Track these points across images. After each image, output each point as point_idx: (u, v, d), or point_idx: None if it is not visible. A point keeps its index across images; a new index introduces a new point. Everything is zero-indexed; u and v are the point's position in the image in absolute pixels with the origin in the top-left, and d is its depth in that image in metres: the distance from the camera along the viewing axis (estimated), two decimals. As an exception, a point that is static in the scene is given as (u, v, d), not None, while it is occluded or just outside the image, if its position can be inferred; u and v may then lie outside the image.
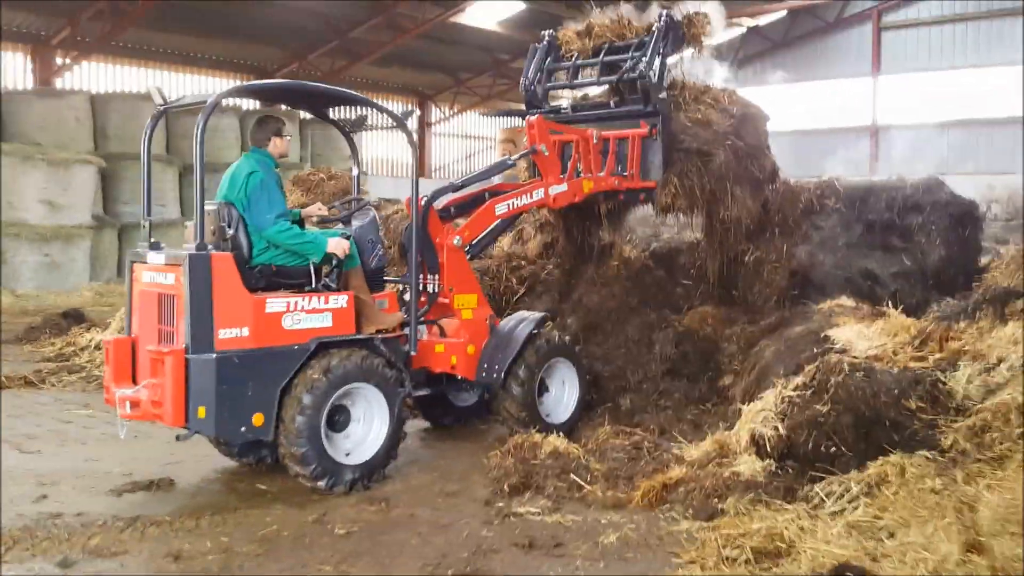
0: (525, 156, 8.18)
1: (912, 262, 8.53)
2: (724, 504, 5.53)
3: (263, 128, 6.28)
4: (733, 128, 8.64)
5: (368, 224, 6.65)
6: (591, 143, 8.21)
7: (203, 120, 5.63)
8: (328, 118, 7.35)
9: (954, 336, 6.42)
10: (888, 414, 5.71)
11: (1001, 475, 5.11)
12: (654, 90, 8.42)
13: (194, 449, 6.81)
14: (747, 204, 8.57)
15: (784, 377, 6.52)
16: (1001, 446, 5.30)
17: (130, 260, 6.14)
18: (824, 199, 9.13)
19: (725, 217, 8.52)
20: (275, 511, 5.65)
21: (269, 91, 7.17)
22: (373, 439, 6.09)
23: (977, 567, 4.60)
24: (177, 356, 5.45)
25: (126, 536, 5.20)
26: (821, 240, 8.92)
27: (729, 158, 8.47)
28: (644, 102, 8.46)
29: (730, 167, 8.46)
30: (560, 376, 7.45)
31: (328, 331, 5.95)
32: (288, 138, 6.41)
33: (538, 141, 7.82)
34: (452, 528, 5.35)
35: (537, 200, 7.71)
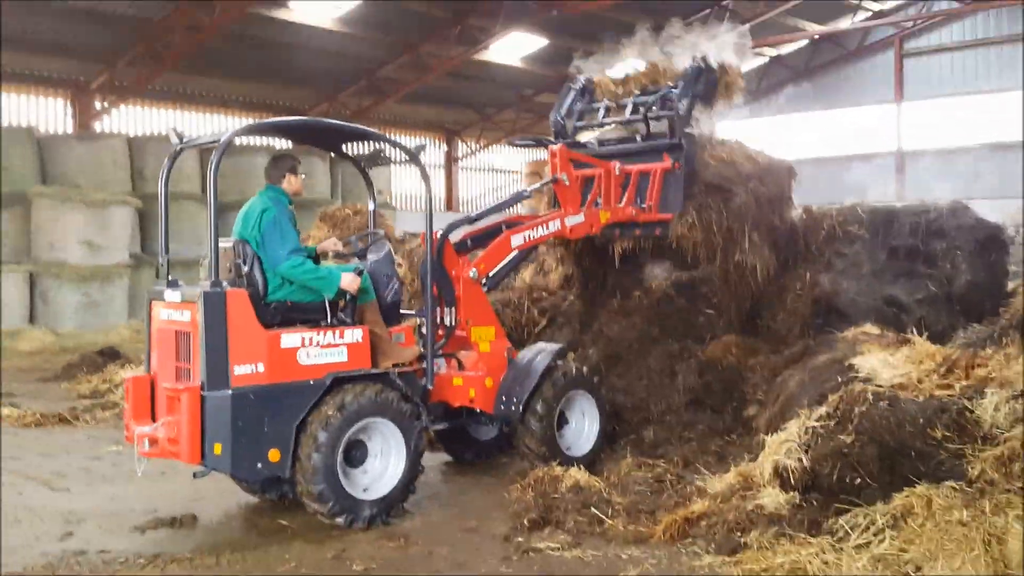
0: (546, 184, 8.07)
1: (938, 288, 8.32)
2: (747, 538, 5.36)
3: (277, 166, 6.26)
4: (757, 173, 8.54)
5: (383, 258, 6.59)
6: (612, 175, 8.12)
7: (216, 158, 5.63)
8: (344, 154, 7.34)
9: (980, 363, 6.22)
10: (913, 444, 5.52)
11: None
12: (680, 123, 8.32)
13: (217, 485, 6.75)
14: (763, 252, 8.37)
15: (808, 407, 6.34)
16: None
17: (149, 298, 6.13)
18: (847, 225, 8.94)
19: (740, 261, 8.29)
20: (294, 548, 5.56)
21: (282, 128, 7.16)
22: (391, 474, 5.99)
23: (1007, 602, 4.42)
24: (193, 393, 5.41)
25: (147, 573, 5.16)
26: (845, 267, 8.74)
27: (750, 201, 8.34)
28: (670, 134, 8.35)
29: (750, 209, 8.30)
30: (580, 408, 7.30)
31: (343, 366, 5.88)
32: (303, 176, 6.38)
33: (559, 170, 7.77)
34: (470, 565, 5.23)
35: (554, 231, 7.59)
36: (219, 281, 5.57)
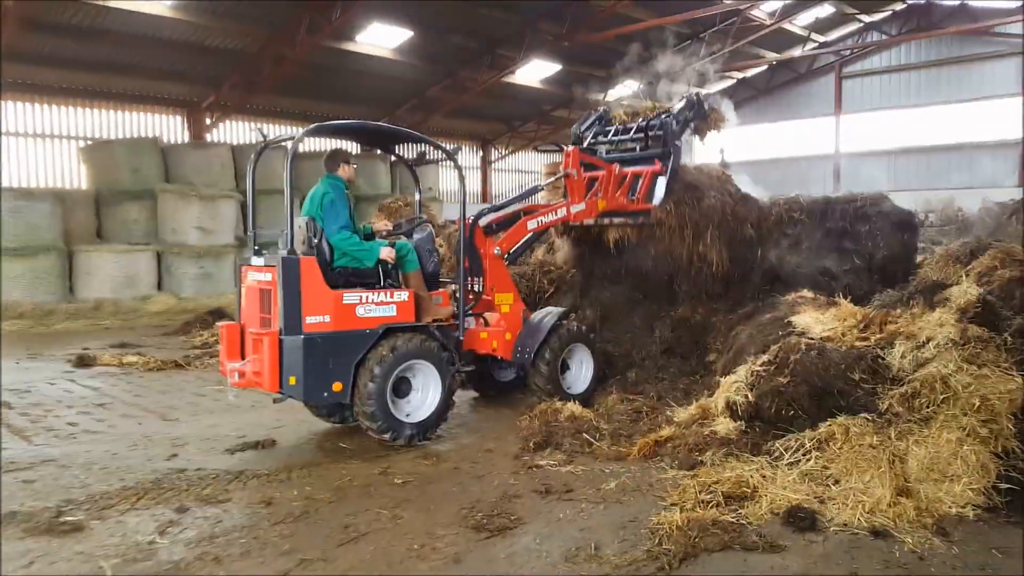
0: (559, 178, 7.96)
1: (861, 261, 8.20)
2: (703, 457, 5.38)
3: (333, 158, 6.27)
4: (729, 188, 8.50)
5: (426, 237, 6.61)
6: (613, 174, 8.02)
7: (293, 149, 5.65)
8: (395, 154, 7.38)
9: (891, 320, 6.13)
10: (836, 384, 5.50)
11: (927, 433, 4.89)
12: (671, 136, 8.25)
13: (295, 416, 6.85)
14: (719, 249, 8.17)
15: (754, 355, 6.30)
16: (927, 409, 5.06)
17: (239, 264, 6.18)
18: (791, 212, 8.82)
19: (702, 252, 8.14)
20: (351, 465, 5.61)
21: (343, 129, 7.14)
22: (428, 404, 6.05)
23: (905, 507, 4.41)
24: (273, 337, 5.48)
25: (232, 487, 5.18)
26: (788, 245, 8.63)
27: (717, 204, 8.21)
28: (662, 146, 8.24)
29: (716, 211, 8.17)
30: (578, 357, 7.31)
31: (393, 319, 5.93)
32: (354, 166, 6.37)
33: (570, 166, 7.74)
34: (486, 478, 5.27)
35: (561, 217, 7.60)
36: (294, 250, 5.61)
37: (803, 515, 4.40)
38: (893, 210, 8.42)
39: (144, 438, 6.47)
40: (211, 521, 4.60)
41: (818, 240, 8.44)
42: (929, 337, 5.62)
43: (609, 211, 8.01)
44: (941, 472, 4.66)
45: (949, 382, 5.06)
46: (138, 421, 7.08)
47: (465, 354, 6.74)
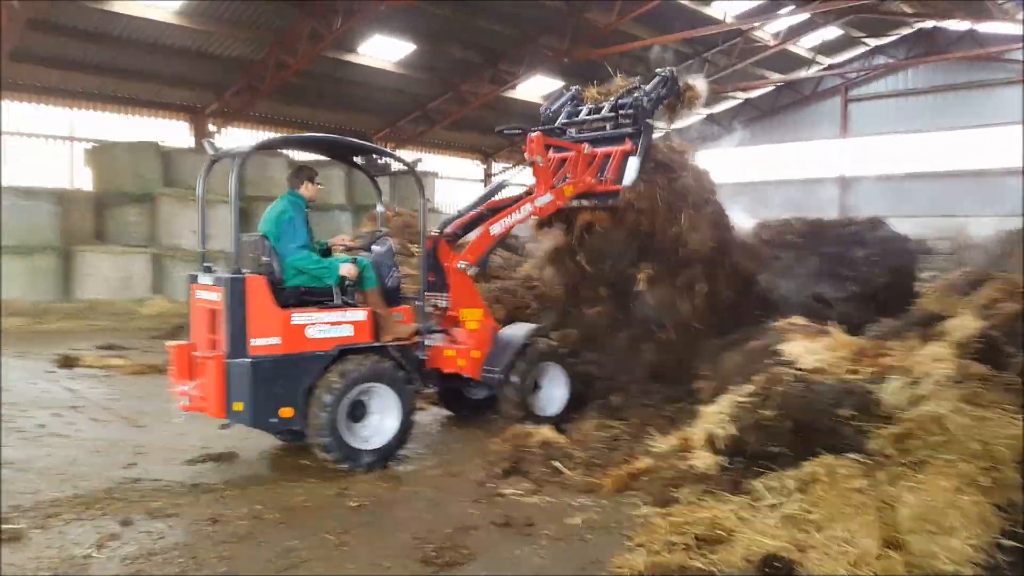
0: (523, 168, 7.44)
1: (857, 287, 7.75)
2: (679, 493, 4.90)
3: (298, 175, 5.90)
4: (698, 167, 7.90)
5: (385, 252, 6.19)
6: (582, 155, 7.42)
7: (239, 164, 5.30)
8: (355, 164, 6.89)
9: (885, 353, 5.69)
10: (823, 420, 5.04)
11: (921, 478, 4.41)
12: (643, 114, 7.58)
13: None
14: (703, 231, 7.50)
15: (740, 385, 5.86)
16: (922, 452, 4.59)
17: (189, 280, 5.78)
18: (785, 235, 8.39)
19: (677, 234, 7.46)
20: (307, 484, 5.23)
21: (299, 142, 6.78)
22: (387, 429, 5.61)
23: (893, 562, 3.93)
24: (218, 360, 5.07)
25: (183, 501, 4.86)
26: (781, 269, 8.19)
27: (690, 183, 7.63)
28: (633, 123, 7.59)
29: (690, 191, 7.58)
30: (550, 376, 6.85)
31: (349, 339, 5.51)
32: (319, 186, 5.98)
33: (535, 153, 7.07)
34: (445, 506, 4.85)
35: (527, 214, 6.96)
36: (239, 268, 5.22)
37: (780, 565, 3.95)
38: (891, 235, 7.99)
39: (108, 444, 6.20)
40: (153, 537, 4.29)
41: (812, 265, 7.99)
42: (925, 373, 5.18)
43: (578, 195, 7.39)
44: (936, 523, 4.18)
45: (945, 423, 4.61)
46: (105, 426, 6.82)
47: (430, 373, 6.32)
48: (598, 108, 8.11)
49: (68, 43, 17.10)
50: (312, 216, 20.14)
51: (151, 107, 20.65)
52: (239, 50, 19.08)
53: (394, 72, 21.46)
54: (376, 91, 22.52)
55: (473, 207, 7.03)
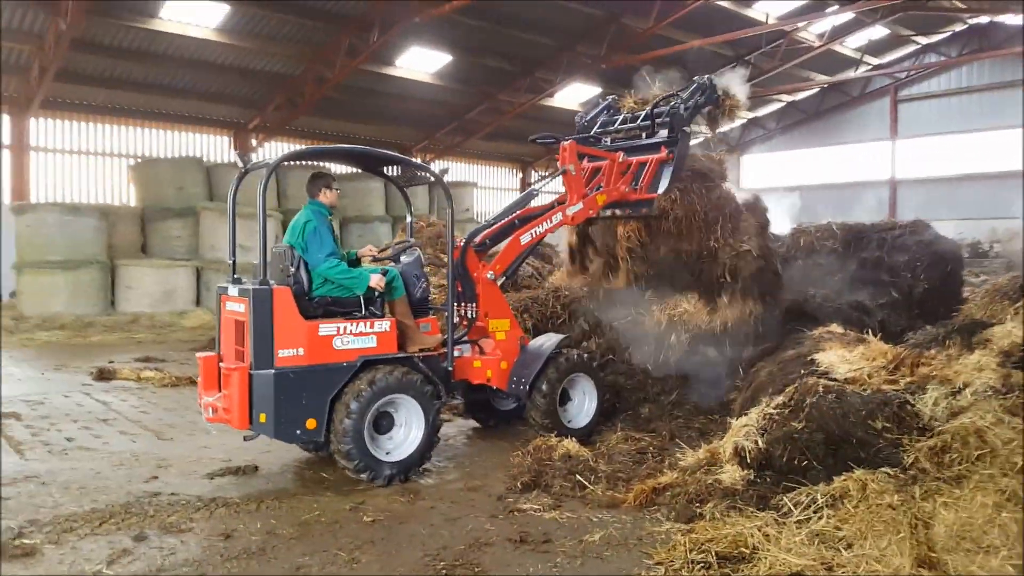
0: (555, 177, 7.20)
1: (899, 294, 7.47)
2: (704, 509, 4.77)
3: (315, 183, 5.92)
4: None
5: (413, 262, 6.18)
6: (616, 163, 7.30)
7: (266, 176, 5.33)
8: (384, 175, 6.90)
9: (924, 362, 5.46)
10: (855, 432, 4.85)
11: (958, 494, 4.20)
12: (679, 122, 7.38)
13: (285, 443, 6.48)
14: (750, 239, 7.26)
15: (770, 395, 5.69)
16: (959, 466, 4.38)
17: (218, 292, 5.85)
18: (824, 240, 8.15)
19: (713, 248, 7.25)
20: (324, 498, 5.21)
21: (326, 153, 6.82)
22: (411, 441, 5.57)
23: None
24: (242, 372, 5.11)
25: (198, 515, 4.86)
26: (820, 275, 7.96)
27: (730, 194, 7.43)
28: (669, 131, 7.40)
29: (728, 201, 7.38)
30: (580, 388, 6.75)
31: (373, 350, 5.49)
32: (337, 191, 6.00)
33: (567, 162, 6.96)
34: (461, 521, 4.78)
35: (557, 223, 6.84)
36: (267, 280, 5.26)
37: (805, 585, 3.80)
38: (935, 239, 7.69)
39: (132, 457, 6.26)
40: (164, 552, 4.31)
41: (852, 271, 7.74)
42: (966, 383, 4.96)
43: (611, 204, 7.25)
44: (974, 541, 3.98)
45: (986, 436, 4.39)
46: (132, 439, 6.89)
47: (457, 384, 6.28)
48: (634, 117, 7.98)
49: (112, 62, 17.68)
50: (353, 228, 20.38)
51: (194, 123, 21.22)
52: (278, 66, 19.49)
53: (431, 83, 21.66)
54: (413, 103, 22.76)
55: (503, 216, 6.97)
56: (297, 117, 21.12)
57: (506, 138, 26.78)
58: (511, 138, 26.69)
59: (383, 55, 19.64)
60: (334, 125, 23.33)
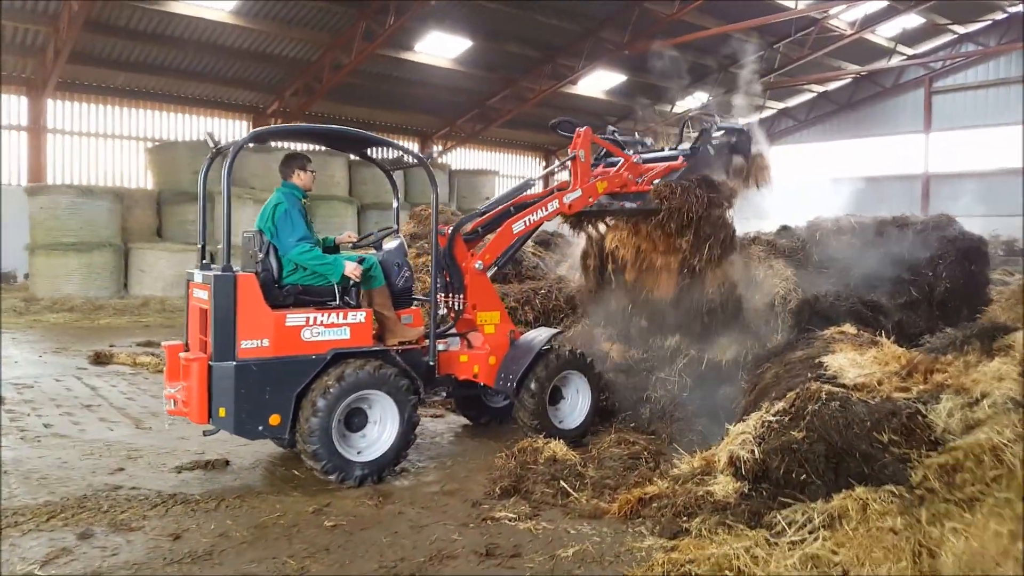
0: (563, 164, 6.90)
1: (919, 293, 6.97)
2: (691, 524, 4.38)
3: (288, 164, 5.60)
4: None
5: (396, 249, 5.84)
6: (629, 162, 6.98)
7: (232, 156, 5.01)
8: (368, 158, 6.55)
9: (940, 368, 4.99)
10: (859, 445, 4.41)
11: (969, 519, 3.76)
12: (705, 138, 7.13)
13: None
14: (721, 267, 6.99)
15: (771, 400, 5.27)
16: (972, 487, 3.93)
17: (186, 278, 5.56)
18: (840, 235, 7.67)
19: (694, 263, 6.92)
20: (289, 498, 4.91)
21: (297, 133, 6.51)
22: (384, 440, 5.23)
23: (929, 621, 3.34)
24: (201, 363, 4.80)
25: (153, 512, 4.61)
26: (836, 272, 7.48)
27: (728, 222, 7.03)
28: (694, 143, 7.13)
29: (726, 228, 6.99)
30: (574, 386, 6.38)
31: (345, 343, 5.16)
32: (312, 172, 5.67)
33: (579, 147, 6.66)
34: (427, 529, 4.44)
35: (553, 211, 6.46)
36: (229, 266, 4.95)
37: (791, 617, 3.41)
38: (959, 235, 7.17)
39: (104, 447, 6.05)
40: (107, 552, 4.05)
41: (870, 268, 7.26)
42: (984, 393, 4.49)
43: (610, 193, 6.90)
44: (984, 573, 3.57)
45: (1003, 455, 3.94)
46: (110, 427, 6.69)
47: (442, 379, 5.95)
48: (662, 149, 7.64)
49: (128, 44, 17.57)
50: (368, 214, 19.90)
51: (212, 107, 21.12)
52: (296, 50, 19.27)
53: (451, 69, 21.32)
54: (433, 89, 22.45)
55: (496, 204, 6.60)
56: (315, 102, 20.90)
57: (528, 126, 26.38)
58: (533, 126, 26.29)
59: (401, 40, 19.33)
60: (353, 111, 23.11)
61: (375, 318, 5.58)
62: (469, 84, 22.81)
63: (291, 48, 19.18)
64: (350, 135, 5.77)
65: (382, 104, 23.06)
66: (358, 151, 6.45)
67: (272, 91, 20.95)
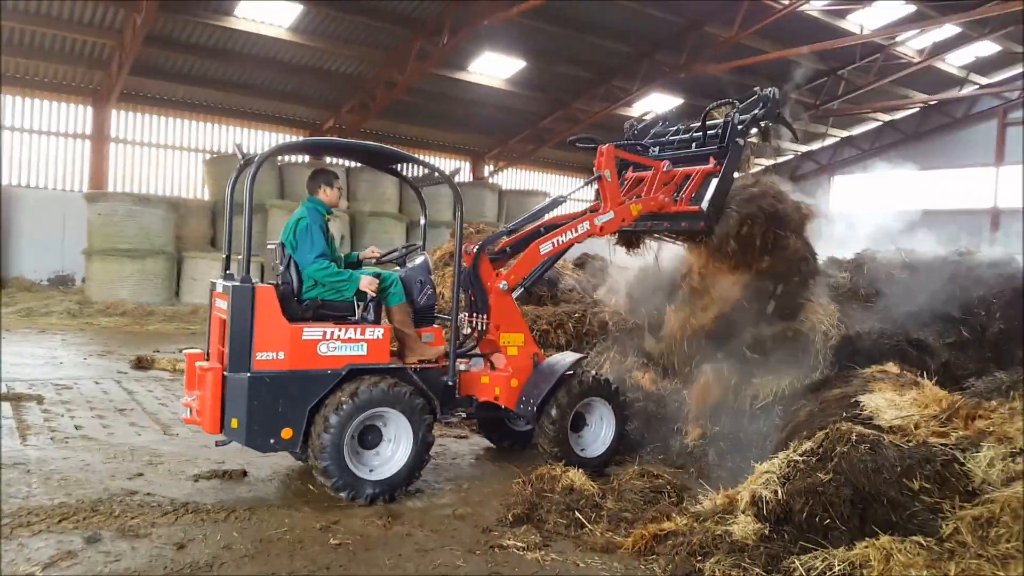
0: (589, 183, 6.76)
1: (970, 333, 6.66)
2: (705, 565, 4.23)
3: (314, 180, 5.68)
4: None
5: (418, 267, 5.86)
6: (660, 173, 6.76)
7: (255, 167, 5.11)
8: (396, 173, 6.58)
9: (982, 414, 4.75)
10: (888, 491, 4.23)
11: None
12: (733, 131, 6.77)
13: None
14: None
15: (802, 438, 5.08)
16: (1008, 544, 3.71)
17: (210, 288, 5.67)
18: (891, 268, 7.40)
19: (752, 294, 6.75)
20: (299, 513, 4.92)
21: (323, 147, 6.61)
22: (397, 459, 5.22)
23: None
24: (215, 373, 4.88)
25: (162, 520, 4.66)
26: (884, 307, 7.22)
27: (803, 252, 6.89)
28: (720, 141, 6.82)
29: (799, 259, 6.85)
30: (597, 413, 6.26)
31: (362, 359, 5.17)
32: (339, 189, 5.73)
33: (603, 167, 6.49)
34: (432, 554, 4.39)
35: (583, 233, 6.30)
36: (248, 277, 5.02)
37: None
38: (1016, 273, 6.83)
39: (129, 451, 6.18)
40: (110, 558, 4.11)
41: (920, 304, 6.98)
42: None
43: (649, 216, 6.70)
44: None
45: (1042, 510, 3.71)
46: (138, 431, 6.85)
47: (462, 400, 5.91)
48: (688, 128, 7.44)
49: (189, 58, 18.23)
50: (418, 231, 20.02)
51: (269, 121, 21.71)
52: (352, 67, 19.72)
53: (504, 90, 21.50)
54: (486, 109, 22.65)
55: (525, 223, 6.56)
56: (369, 119, 21.29)
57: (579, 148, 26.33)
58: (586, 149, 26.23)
59: (455, 60, 19.58)
60: (407, 129, 23.47)
61: (395, 335, 5.60)
62: (522, 105, 22.94)
63: (346, 65, 19.62)
64: (373, 150, 5.82)
65: (435, 123, 23.36)
66: (384, 166, 6.50)
67: (328, 107, 21.43)
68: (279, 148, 5.53)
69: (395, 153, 5.90)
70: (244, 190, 5.09)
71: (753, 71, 21.51)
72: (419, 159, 5.92)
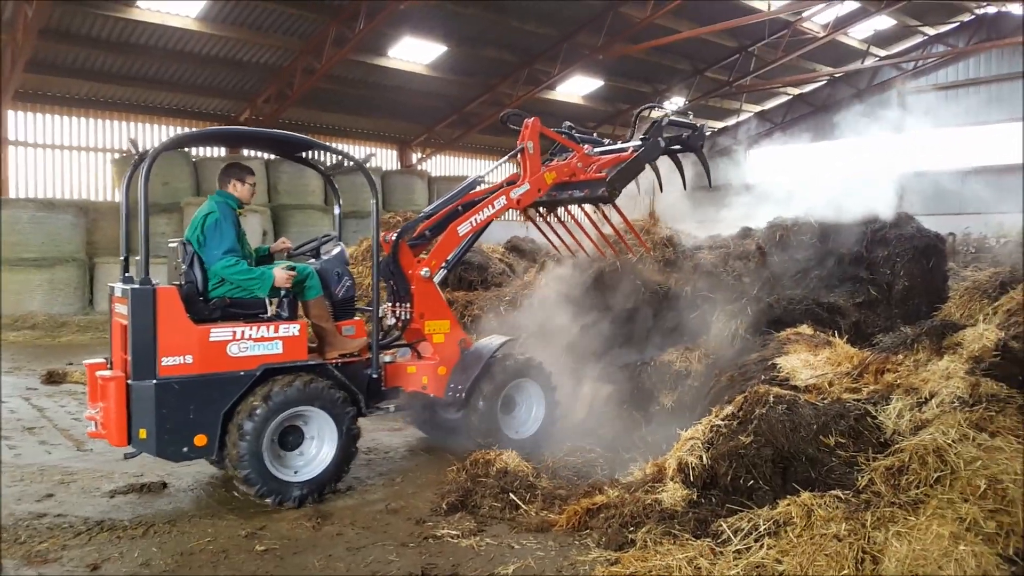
0: (514, 155, 6.72)
1: (877, 292, 6.90)
2: (637, 534, 4.25)
3: (226, 173, 5.42)
4: None
5: (335, 258, 5.68)
6: (581, 154, 6.81)
7: (148, 165, 4.86)
8: (305, 161, 6.34)
9: (891, 367, 4.91)
10: (806, 449, 4.33)
11: (913, 522, 3.67)
12: (657, 131, 6.88)
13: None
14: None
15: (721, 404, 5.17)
16: (917, 490, 3.85)
17: (109, 293, 5.36)
18: (800, 234, 7.60)
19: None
20: (223, 522, 4.72)
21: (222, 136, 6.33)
22: (322, 458, 5.06)
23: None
24: (118, 382, 4.59)
25: (74, 542, 4.40)
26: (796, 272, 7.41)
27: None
28: (646, 134, 6.93)
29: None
30: (527, 393, 6.24)
31: (277, 358, 4.96)
32: (251, 183, 5.49)
33: (527, 139, 6.51)
34: (364, 551, 4.28)
35: (500, 208, 6.28)
36: (148, 279, 4.76)
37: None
38: (917, 232, 7.11)
39: (38, 471, 5.82)
40: (14, 589, 3.85)
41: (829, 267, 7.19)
42: (932, 392, 4.42)
43: (559, 184, 6.70)
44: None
45: (947, 455, 3.86)
46: (49, 450, 6.47)
47: (389, 392, 5.79)
48: None
49: (90, 53, 17.30)
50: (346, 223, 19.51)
51: (181, 116, 20.83)
52: (266, 56, 19.06)
53: (427, 75, 21.18)
54: (410, 95, 22.29)
55: (443, 205, 6.45)
56: (288, 109, 20.68)
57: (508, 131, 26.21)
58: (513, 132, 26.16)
59: (374, 45, 19.18)
60: (329, 118, 22.93)
61: (313, 331, 5.42)
62: (446, 90, 22.64)
63: (261, 54, 18.96)
64: (277, 137, 5.59)
65: (358, 111, 22.86)
66: (292, 155, 6.25)
67: (244, 98, 20.69)
68: (173, 140, 5.24)
69: (301, 140, 5.67)
70: (139, 187, 4.79)
71: (669, 50, 21.83)
72: (328, 145, 5.73)
